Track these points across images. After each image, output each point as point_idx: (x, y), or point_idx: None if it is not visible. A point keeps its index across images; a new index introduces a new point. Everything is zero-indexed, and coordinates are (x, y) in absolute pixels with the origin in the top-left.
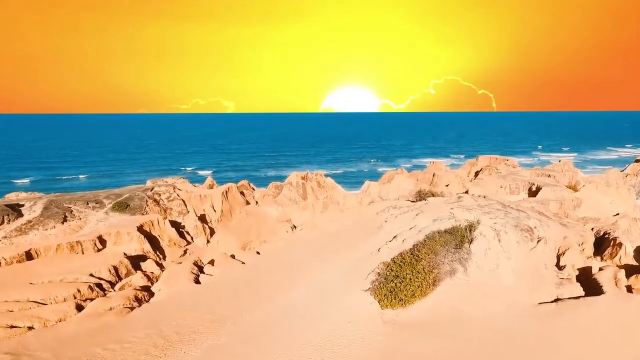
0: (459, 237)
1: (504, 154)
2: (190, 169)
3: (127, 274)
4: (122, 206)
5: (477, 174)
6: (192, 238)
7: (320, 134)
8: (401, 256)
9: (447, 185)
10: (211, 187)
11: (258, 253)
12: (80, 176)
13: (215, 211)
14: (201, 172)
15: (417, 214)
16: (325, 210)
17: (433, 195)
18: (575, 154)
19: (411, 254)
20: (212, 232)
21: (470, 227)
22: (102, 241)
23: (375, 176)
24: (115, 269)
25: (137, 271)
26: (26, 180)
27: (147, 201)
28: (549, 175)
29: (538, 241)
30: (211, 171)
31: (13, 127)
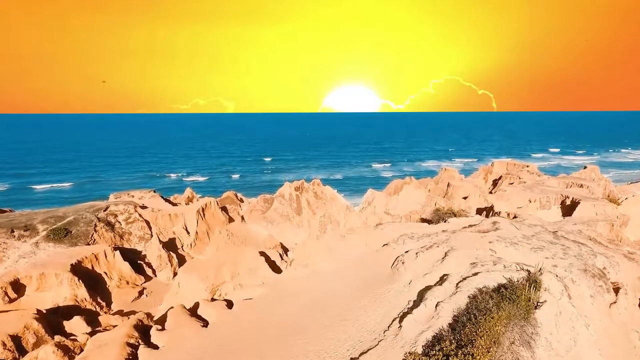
0: (524, 305)
1: (514, 157)
2: (175, 175)
3: (37, 344)
4: (59, 234)
5: (495, 182)
6: (154, 271)
7: (320, 135)
8: (441, 349)
9: (465, 198)
10: (190, 200)
11: (229, 305)
12: (57, 184)
13: (188, 234)
14: (190, 179)
15: (445, 253)
16: (322, 233)
17: (455, 215)
18: (597, 156)
19: (457, 347)
20: (183, 261)
21: (535, 284)
22: (19, 287)
23: (378, 183)
24: (17, 339)
25: (56, 336)
26: None
27: (95, 225)
28: (581, 185)
29: (617, 291)
30: (201, 177)
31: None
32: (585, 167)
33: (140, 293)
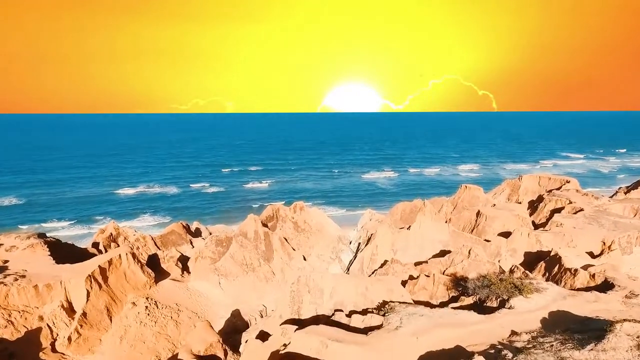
0: None
1: (526, 162)
2: (144, 186)
3: None
4: None
5: (533, 205)
6: None
7: (315, 139)
8: None
9: (505, 235)
10: (113, 240)
11: None
12: None
13: (71, 316)
14: (157, 190)
15: None
16: (296, 306)
17: (518, 290)
18: (635, 163)
19: None
20: None
21: None
22: None
23: (376, 199)
24: None
25: None
26: None
27: None
28: None
29: None
30: (174, 188)
31: None
32: None
33: None
